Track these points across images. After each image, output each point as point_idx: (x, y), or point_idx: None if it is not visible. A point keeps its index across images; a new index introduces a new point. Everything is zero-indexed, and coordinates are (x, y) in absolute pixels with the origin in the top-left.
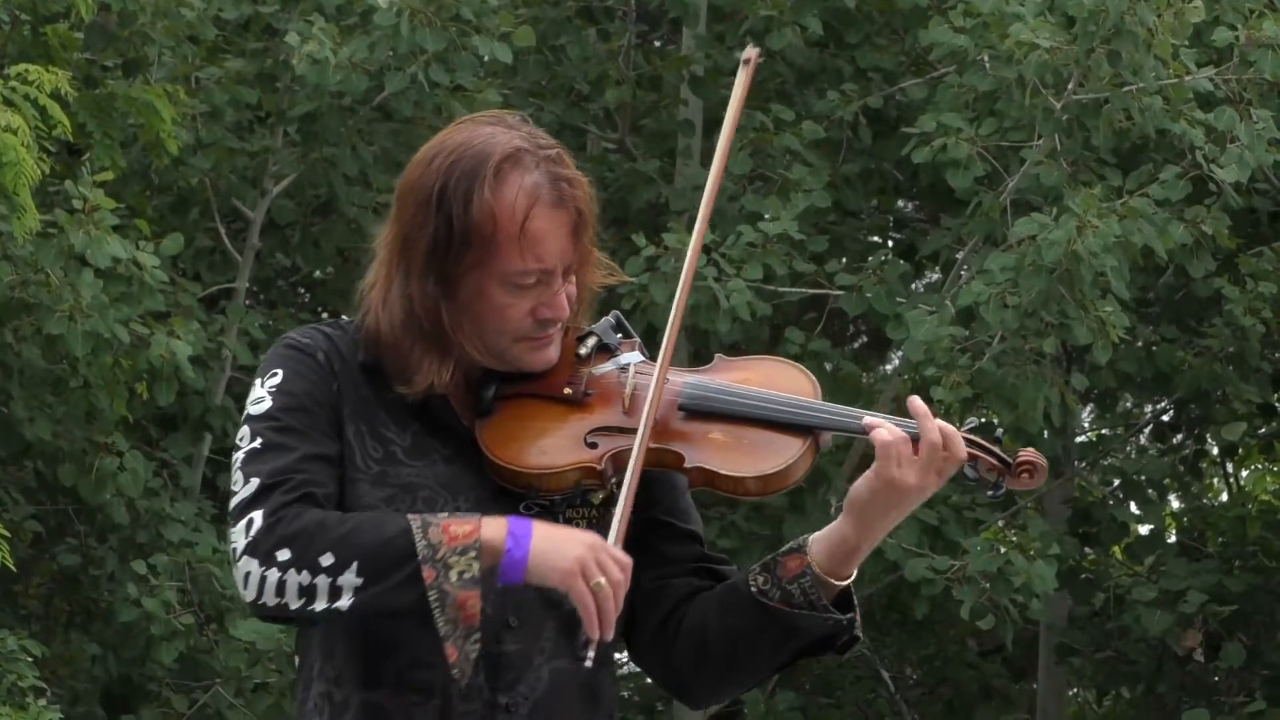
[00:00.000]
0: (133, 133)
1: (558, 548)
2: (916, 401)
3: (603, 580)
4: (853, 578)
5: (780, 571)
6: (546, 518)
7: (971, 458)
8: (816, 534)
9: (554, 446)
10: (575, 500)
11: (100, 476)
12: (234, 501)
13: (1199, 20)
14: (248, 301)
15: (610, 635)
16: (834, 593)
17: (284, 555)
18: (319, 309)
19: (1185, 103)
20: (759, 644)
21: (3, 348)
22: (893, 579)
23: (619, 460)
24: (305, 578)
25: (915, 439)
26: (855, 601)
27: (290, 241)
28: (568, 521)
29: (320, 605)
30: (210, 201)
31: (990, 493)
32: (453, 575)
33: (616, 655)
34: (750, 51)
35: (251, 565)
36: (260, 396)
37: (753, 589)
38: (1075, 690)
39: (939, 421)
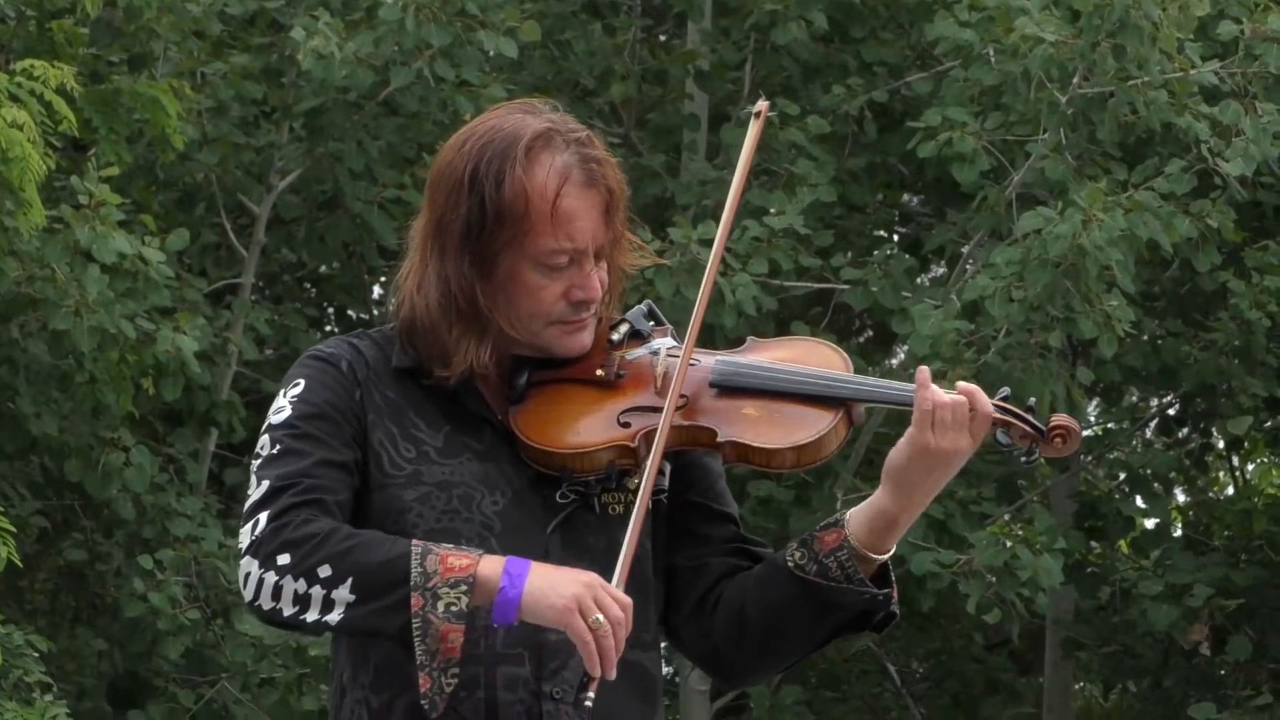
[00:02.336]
0: (138, 128)
1: (554, 586)
2: (923, 370)
3: (601, 617)
4: (891, 553)
5: (817, 546)
6: (583, 502)
7: (1005, 425)
8: (854, 508)
9: (587, 427)
10: (611, 484)
11: (106, 472)
12: (246, 504)
13: (1204, 14)
14: (253, 297)
15: (612, 674)
16: (872, 568)
17: (284, 560)
18: (325, 304)
19: (1190, 96)
20: (796, 619)
21: (9, 343)
22: (899, 573)
23: (651, 438)
24: (301, 585)
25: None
26: (893, 578)
27: (296, 237)
28: (604, 507)
29: (311, 616)
30: (216, 197)
31: (1025, 460)
32: (440, 606)
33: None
34: (761, 104)
35: (252, 566)
36: (281, 406)
37: (789, 564)
38: (1082, 684)
39: (961, 383)
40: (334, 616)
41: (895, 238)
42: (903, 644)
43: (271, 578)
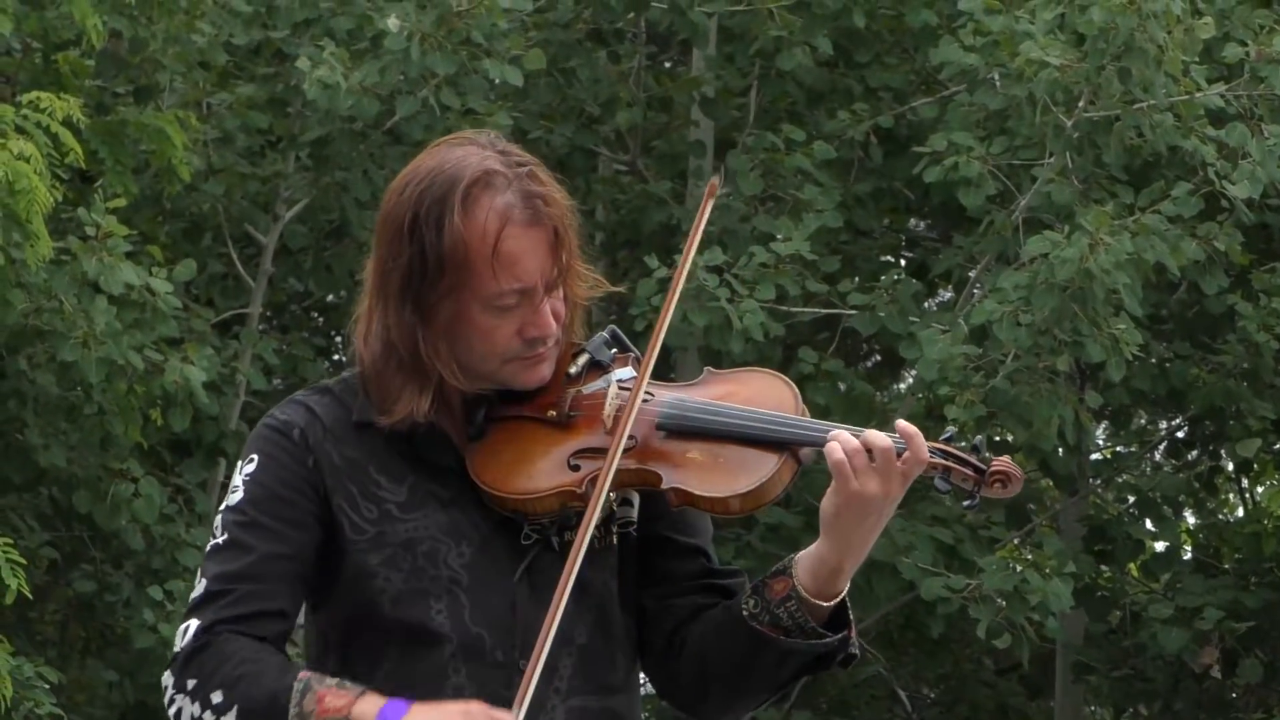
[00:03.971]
0: (144, 159)
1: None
2: (837, 437)
3: None
4: (843, 594)
5: (768, 594)
6: (543, 544)
7: (944, 470)
8: (802, 553)
9: (538, 471)
10: (570, 522)
11: (115, 503)
12: (189, 601)
13: (1209, 37)
14: (261, 326)
15: None
16: (825, 613)
17: (191, 683)
18: (332, 333)
19: (1196, 119)
20: (757, 667)
21: (17, 375)
22: (909, 598)
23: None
24: (197, 709)
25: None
26: (850, 617)
27: (303, 266)
28: (565, 545)
29: None
30: (222, 227)
31: (967, 504)
32: None
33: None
34: (714, 180)
35: (169, 682)
36: (235, 485)
37: (744, 612)
38: (1092, 708)
39: (900, 421)
40: None
41: (902, 262)
42: (913, 669)
43: (180, 699)
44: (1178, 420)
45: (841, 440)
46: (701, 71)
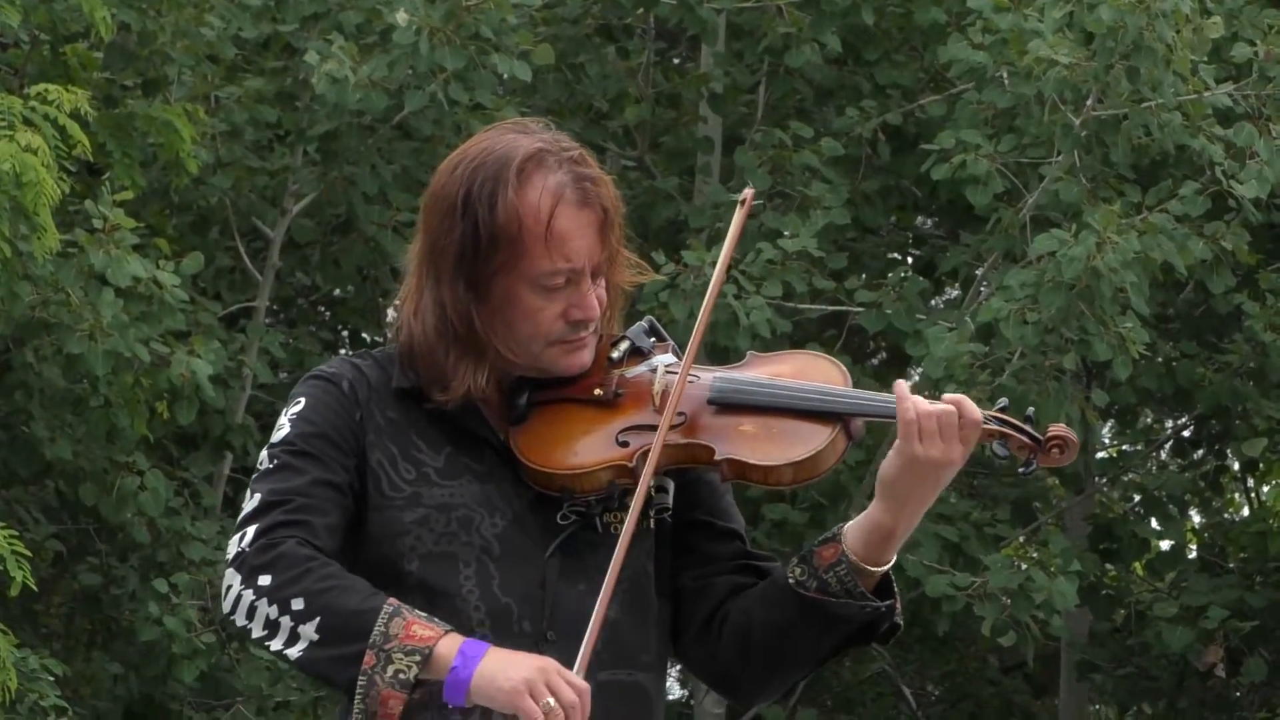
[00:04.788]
0: (152, 152)
1: (504, 670)
2: (900, 383)
3: (552, 701)
4: (891, 564)
5: (816, 561)
6: (584, 522)
7: (1002, 436)
8: (851, 522)
9: (585, 447)
10: (613, 503)
11: (121, 496)
12: (240, 517)
13: (1218, 36)
14: (268, 320)
15: None
16: (873, 580)
17: (264, 581)
18: (339, 327)
19: (1204, 118)
20: (801, 635)
21: (23, 367)
22: (914, 596)
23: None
24: (274, 611)
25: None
26: (895, 588)
27: (310, 260)
28: (606, 526)
29: (276, 644)
30: (230, 220)
31: (1022, 470)
32: (389, 670)
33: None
34: (747, 192)
35: (235, 579)
36: (281, 424)
37: (790, 580)
38: (1097, 706)
39: (949, 394)
40: (294, 651)
41: (909, 260)
42: (918, 667)
43: (249, 596)
44: (1184, 419)
45: (914, 401)
46: (710, 68)
